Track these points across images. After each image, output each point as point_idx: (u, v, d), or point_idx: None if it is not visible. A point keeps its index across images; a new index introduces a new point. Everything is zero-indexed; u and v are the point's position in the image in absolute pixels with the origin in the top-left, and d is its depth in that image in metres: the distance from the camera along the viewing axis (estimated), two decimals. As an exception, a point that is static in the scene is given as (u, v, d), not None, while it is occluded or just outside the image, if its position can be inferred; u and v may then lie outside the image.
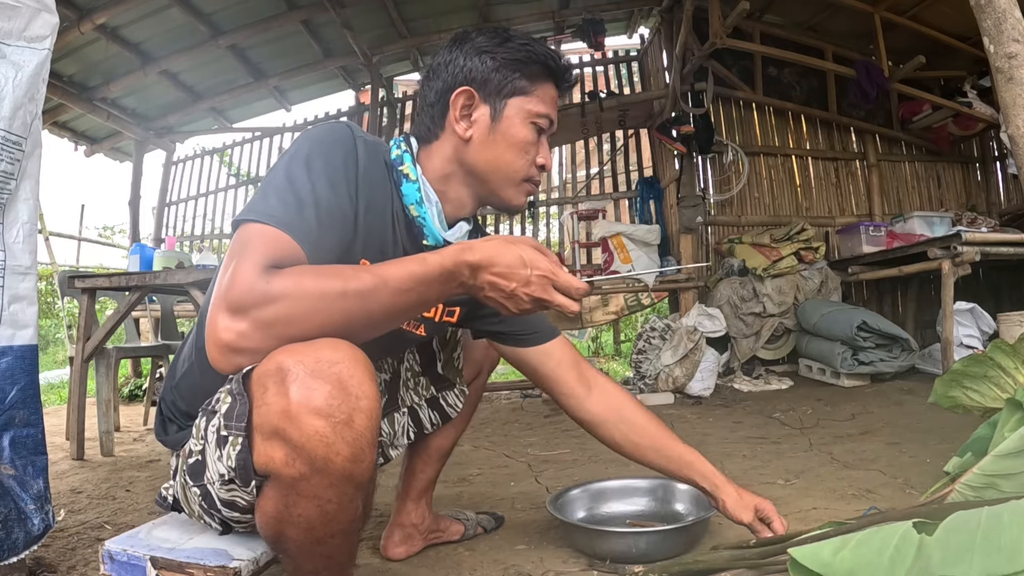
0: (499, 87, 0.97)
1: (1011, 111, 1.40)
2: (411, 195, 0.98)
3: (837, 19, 4.44)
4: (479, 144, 0.98)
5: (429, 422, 1.31)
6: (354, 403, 0.73)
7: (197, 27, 4.16)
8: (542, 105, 0.99)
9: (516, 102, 0.98)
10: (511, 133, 0.98)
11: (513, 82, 0.97)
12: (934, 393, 1.42)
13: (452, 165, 1.01)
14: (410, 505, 1.37)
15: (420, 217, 0.98)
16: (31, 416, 1.24)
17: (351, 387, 0.73)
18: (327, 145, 0.89)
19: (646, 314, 6.27)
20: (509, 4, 4.68)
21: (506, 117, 0.98)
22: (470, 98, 0.97)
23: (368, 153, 0.94)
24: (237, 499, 0.83)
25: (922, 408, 2.63)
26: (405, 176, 0.98)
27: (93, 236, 9.56)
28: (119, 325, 2.63)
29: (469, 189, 1.02)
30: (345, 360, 0.74)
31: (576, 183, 5.77)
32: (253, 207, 0.83)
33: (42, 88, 1.26)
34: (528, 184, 1.02)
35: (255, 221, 0.80)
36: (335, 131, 0.92)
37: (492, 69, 0.97)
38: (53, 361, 7.25)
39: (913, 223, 4.00)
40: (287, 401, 0.72)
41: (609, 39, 4.98)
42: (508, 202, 1.03)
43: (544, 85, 1.00)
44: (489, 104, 0.98)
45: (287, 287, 0.75)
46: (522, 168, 1.00)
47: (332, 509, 0.77)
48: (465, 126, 0.98)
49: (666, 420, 2.80)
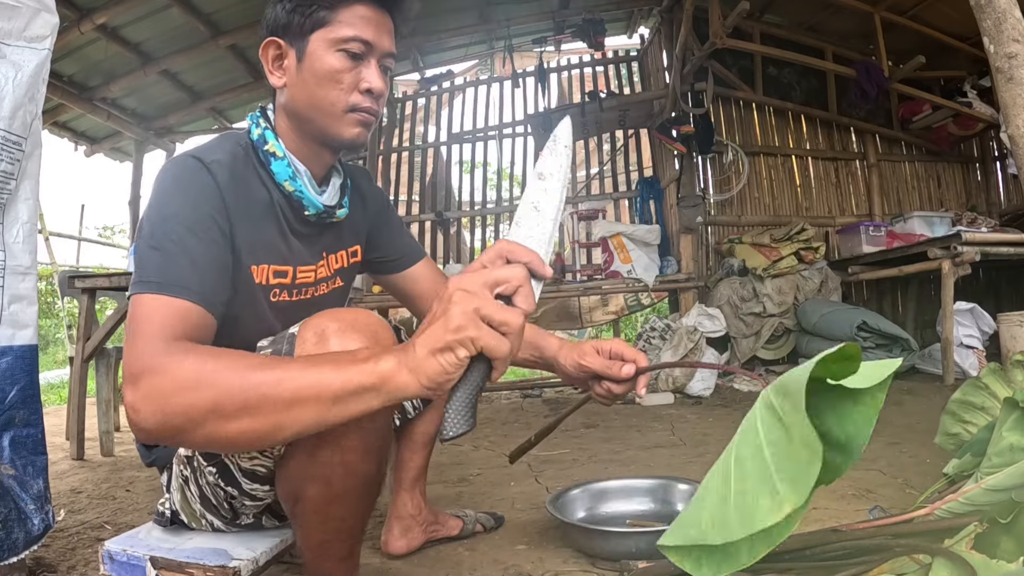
0: (300, 27, 0.93)
1: (1011, 111, 1.40)
2: (282, 172, 0.96)
3: (837, 19, 4.44)
4: (292, 88, 0.95)
5: (411, 405, 1.33)
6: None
7: (197, 27, 4.16)
8: (348, 28, 0.93)
9: (318, 35, 0.93)
10: (316, 67, 0.93)
11: (310, 17, 0.93)
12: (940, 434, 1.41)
13: (287, 119, 0.98)
14: (404, 496, 1.38)
15: (297, 191, 0.97)
16: (31, 416, 1.24)
17: (383, 340, 0.82)
18: (180, 187, 0.87)
19: (646, 314, 6.28)
20: (509, 4, 4.68)
21: (309, 53, 0.93)
22: (278, 48, 0.96)
23: (224, 166, 0.90)
24: (258, 467, 0.88)
25: (922, 408, 2.63)
26: (272, 155, 0.96)
27: (93, 236, 9.57)
28: (119, 325, 2.63)
29: (308, 138, 0.98)
30: (379, 323, 0.83)
31: (576, 183, 5.77)
32: (136, 274, 0.80)
33: (42, 88, 1.26)
34: (356, 114, 0.95)
35: (136, 292, 0.78)
36: (178, 166, 0.89)
37: (290, 11, 0.94)
38: (53, 361, 7.24)
39: (913, 223, 4.00)
40: (326, 347, 0.79)
41: (609, 39, 4.99)
42: (340, 137, 0.96)
43: (348, 8, 0.93)
44: (295, 47, 0.94)
45: (193, 359, 0.71)
46: (339, 98, 0.94)
47: (352, 459, 0.83)
48: (279, 76, 0.96)
49: (666, 420, 2.83)
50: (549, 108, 4.81)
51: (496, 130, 5.44)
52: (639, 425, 2.77)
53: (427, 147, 5.64)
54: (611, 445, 2.38)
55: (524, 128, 5.31)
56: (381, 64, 0.97)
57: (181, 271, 0.79)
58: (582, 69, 5.48)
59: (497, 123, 5.46)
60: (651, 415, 3.02)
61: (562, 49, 4.97)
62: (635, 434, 2.58)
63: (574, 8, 4.72)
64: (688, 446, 2.30)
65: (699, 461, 2.05)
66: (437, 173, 5.61)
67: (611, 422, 2.88)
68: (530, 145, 5.32)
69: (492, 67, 6.60)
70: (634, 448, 2.31)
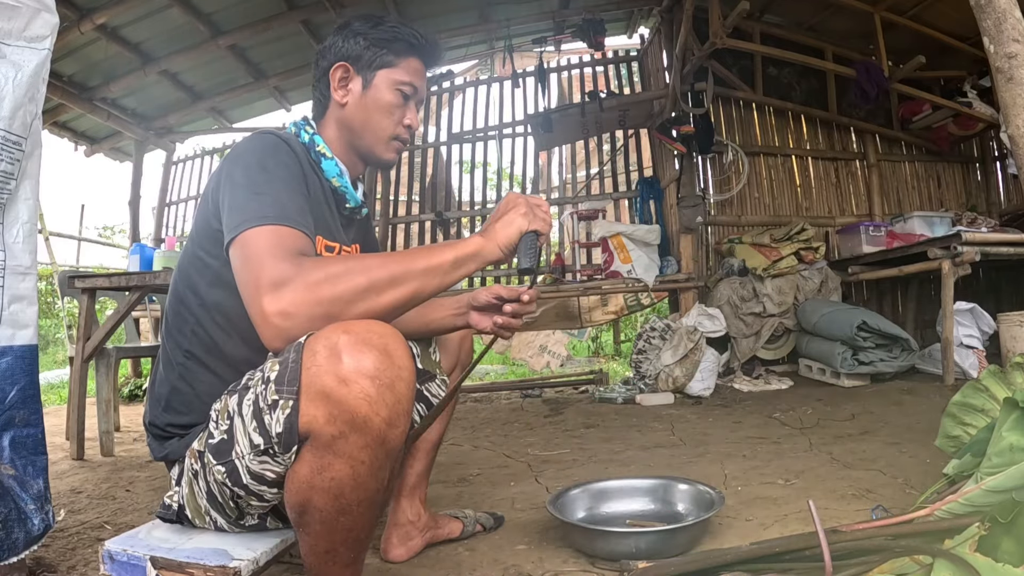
0: (369, 62, 1.14)
1: (1011, 111, 1.40)
2: (331, 170, 1.15)
3: (837, 19, 4.44)
4: (353, 108, 1.15)
5: (417, 414, 1.33)
6: (397, 371, 0.81)
7: (197, 27, 4.16)
8: (406, 75, 1.16)
9: (383, 73, 1.15)
10: (378, 98, 1.15)
11: (381, 57, 1.14)
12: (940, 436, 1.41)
13: (339, 131, 1.17)
14: (404, 502, 1.38)
15: (343, 187, 1.16)
16: (31, 416, 1.24)
17: (396, 357, 0.82)
18: (270, 150, 1.03)
19: (646, 314, 6.28)
20: (509, 4, 4.68)
21: (374, 86, 1.15)
22: (346, 72, 1.15)
23: (296, 147, 1.08)
24: (267, 471, 0.88)
25: (922, 408, 2.63)
26: (322, 155, 1.14)
27: (93, 236, 9.58)
28: (119, 325, 2.63)
29: (352, 150, 1.19)
30: (392, 335, 0.83)
31: (576, 183, 5.77)
32: (241, 216, 0.92)
33: (42, 88, 1.26)
34: (396, 142, 1.19)
35: (252, 227, 0.90)
36: (266, 138, 1.05)
37: (364, 47, 1.14)
38: (53, 361, 7.24)
39: (913, 223, 3.99)
40: (338, 362, 0.79)
41: (609, 39, 4.98)
42: (380, 157, 1.19)
43: (409, 59, 1.16)
44: (361, 76, 1.15)
45: (331, 262, 0.88)
46: (389, 127, 1.17)
47: (363, 472, 0.83)
48: (342, 94, 1.15)
49: (666, 420, 2.83)
50: (549, 108, 4.80)
51: (496, 130, 5.43)
52: (639, 425, 2.77)
53: (427, 147, 5.64)
54: (611, 445, 2.38)
55: (524, 128, 5.30)
56: (418, 106, 1.22)
57: (287, 209, 0.94)
58: (582, 69, 5.47)
59: (497, 123, 5.45)
60: (651, 415, 3.02)
61: (562, 49, 4.96)
62: (635, 434, 2.58)
63: (574, 8, 4.72)
64: (688, 446, 2.30)
65: (699, 461, 2.05)
66: (437, 173, 5.61)
67: (611, 422, 2.88)
68: (530, 145, 5.32)
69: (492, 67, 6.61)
70: (634, 448, 2.31)
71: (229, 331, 1.04)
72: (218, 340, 1.05)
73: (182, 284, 1.08)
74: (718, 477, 1.84)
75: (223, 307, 1.03)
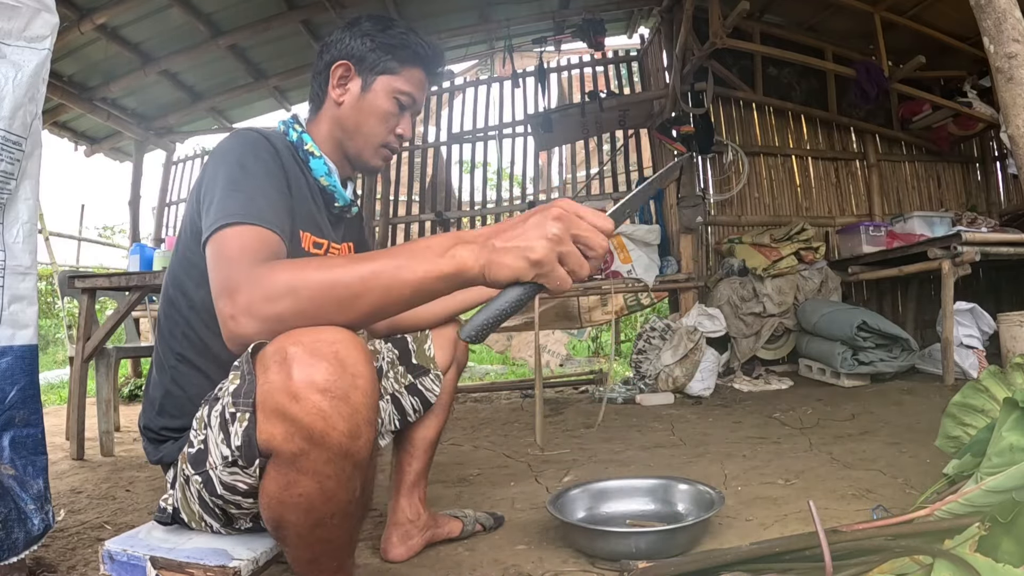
0: (372, 65, 1.13)
1: (1011, 111, 1.40)
2: (319, 169, 1.14)
3: (837, 19, 4.44)
4: (348, 108, 1.14)
5: (411, 408, 1.34)
6: (351, 380, 0.76)
7: (197, 27, 4.16)
8: (407, 84, 1.15)
9: (384, 79, 1.13)
10: (375, 103, 1.14)
11: (385, 62, 1.13)
12: (940, 436, 1.41)
13: (330, 129, 1.16)
14: (403, 501, 1.38)
15: (331, 186, 1.15)
16: (31, 416, 1.24)
17: (348, 365, 0.76)
18: (250, 148, 1.01)
19: (646, 314, 6.27)
20: (509, 4, 4.68)
21: (373, 90, 1.13)
22: (347, 70, 1.14)
23: (279, 145, 1.07)
24: (239, 482, 0.85)
25: (922, 408, 2.63)
26: (310, 154, 1.13)
27: (93, 236, 9.58)
28: (119, 325, 2.63)
29: (341, 150, 1.17)
30: (343, 341, 0.77)
31: (576, 183, 5.77)
32: (216, 215, 0.89)
33: (42, 88, 1.26)
34: (385, 150, 1.18)
35: (223, 226, 0.88)
36: (247, 135, 1.03)
37: (369, 49, 1.13)
38: (53, 361, 7.24)
39: (913, 223, 3.99)
40: (287, 378, 0.74)
41: (609, 39, 4.98)
42: (367, 161, 1.18)
43: (413, 69, 1.15)
44: (362, 78, 1.14)
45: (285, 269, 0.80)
46: (381, 134, 1.16)
47: (331, 486, 0.79)
48: (340, 92, 1.14)
49: (666, 420, 2.83)
50: (549, 108, 4.81)
51: (496, 130, 5.43)
52: (639, 425, 2.77)
53: (427, 147, 5.64)
54: (611, 445, 2.38)
55: (524, 128, 5.31)
56: (413, 117, 1.20)
57: (261, 208, 0.91)
58: (582, 69, 5.47)
59: (497, 123, 5.45)
60: (651, 415, 3.02)
61: (562, 49, 4.96)
62: (635, 434, 2.58)
63: (574, 8, 4.72)
64: (688, 446, 2.30)
65: (699, 461, 2.05)
66: (437, 173, 5.61)
67: (611, 422, 2.88)
68: (530, 145, 5.32)
69: (492, 67, 6.61)
70: (634, 448, 2.31)
71: (217, 332, 1.01)
72: (208, 341, 1.03)
73: (172, 286, 1.07)
74: (718, 477, 1.84)
75: (211, 307, 0.99)
